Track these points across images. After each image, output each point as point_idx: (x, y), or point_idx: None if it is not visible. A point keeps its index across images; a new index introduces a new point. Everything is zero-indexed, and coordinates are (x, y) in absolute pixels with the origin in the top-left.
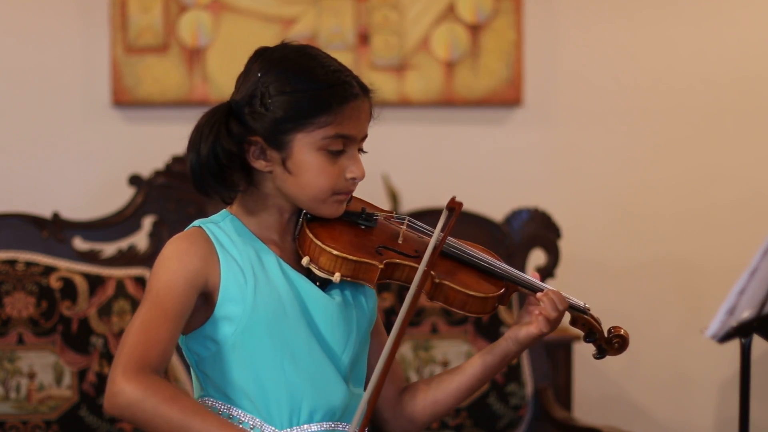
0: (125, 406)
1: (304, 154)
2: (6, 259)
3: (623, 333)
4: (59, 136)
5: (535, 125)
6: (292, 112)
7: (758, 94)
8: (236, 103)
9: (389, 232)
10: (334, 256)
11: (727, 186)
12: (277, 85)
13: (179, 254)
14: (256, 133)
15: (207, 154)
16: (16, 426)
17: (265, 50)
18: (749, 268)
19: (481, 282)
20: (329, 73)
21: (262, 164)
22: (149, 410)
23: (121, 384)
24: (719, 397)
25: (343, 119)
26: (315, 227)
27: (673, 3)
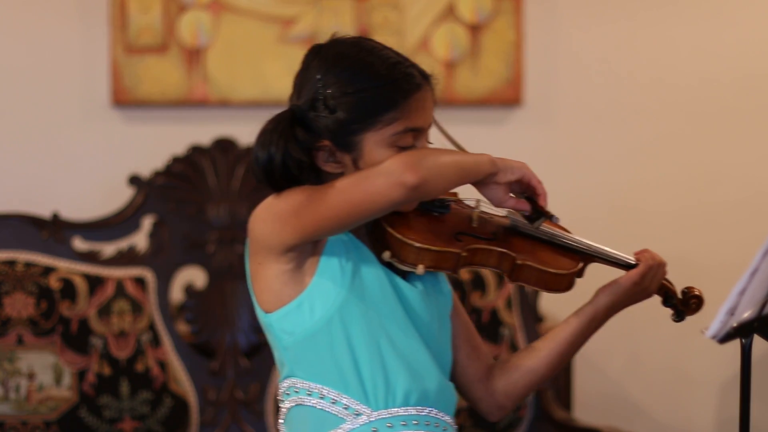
0: (410, 164)
1: (375, 152)
2: (5, 260)
3: (698, 292)
4: (59, 136)
5: (535, 125)
6: (358, 112)
7: (758, 93)
8: (299, 108)
9: (463, 217)
10: (416, 248)
11: (728, 185)
12: (339, 87)
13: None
14: (324, 138)
15: (279, 162)
16: (16, 426)
17: (320, 49)
18: (750, 268)
19: (559, 258)
20: (390, 67)
21: (333, 167)
22: (425, 156)
23: (386, 167)
24: (720, 397)
25: (410, 112)
26: (392, 220)
27: (673, 3)
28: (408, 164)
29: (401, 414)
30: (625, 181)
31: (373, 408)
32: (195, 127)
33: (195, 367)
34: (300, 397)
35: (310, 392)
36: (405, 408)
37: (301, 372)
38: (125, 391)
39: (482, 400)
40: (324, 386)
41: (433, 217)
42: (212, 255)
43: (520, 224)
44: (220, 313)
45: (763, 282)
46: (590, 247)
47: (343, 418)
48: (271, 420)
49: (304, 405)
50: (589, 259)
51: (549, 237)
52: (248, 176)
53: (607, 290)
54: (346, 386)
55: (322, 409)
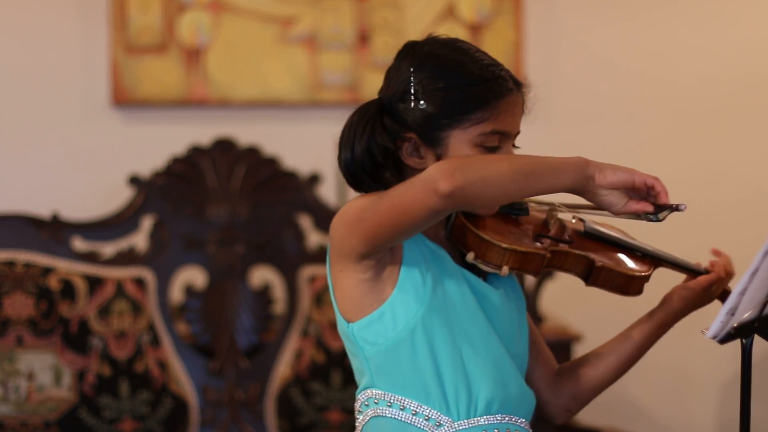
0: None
1: (459, 150)
2: (5, 260)
3: None
4: (58, 136)
5: (535, 125)
6: (448, 108)
7: (758, 93)
8: (388, 98)
9: (540, 219)
10: (503, 249)
11: (728, 185)
12: (431, 81)
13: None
14: (410, 130)
15: (362, 151)
16: (16, 427)
17: (415, 44)
18: (750, 268)
19: (632, 262)
20: (483, 68)
21: (416, 161)
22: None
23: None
24: (720, 397)
25: (499, 114)
26: (474, 221)
27: (673, 3)
28: (446, 171)
29: (482, 423)
30: None
31: (455, 418)
32: (195, 127)
33: (195, 367)
34: (380, 408)
35: (390, 403)
36: (486, 417)
37: (382, 383)
38: (125, 392)
39: (549, 403)
40: (405, 397)
41: (512, 219)
42: (212, 255)
43: (594, 230)
44: (220, 313)
45: (764, 282)
46: (659, 252)
47: (424, 429)
48: (272, 420)
49: (383, 416)
50: (658, 264)
51: (621, 241)
52: (248, 176)
53: (678, 295)
54: (428, 397)
55: (402, 420)
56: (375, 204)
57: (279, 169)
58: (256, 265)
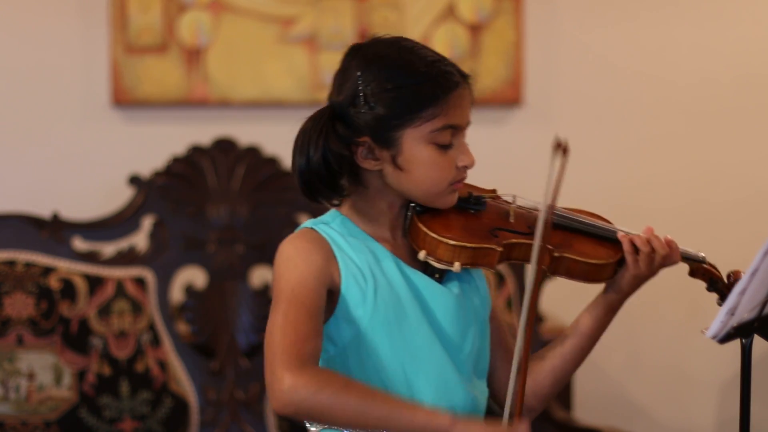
0: (301, 401)
1: (414, 149)
2: (5, 260)
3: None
4: (59, 136)
5: (535, 125)
6: (398, 108)
7: (758, 92)
8: (339, 104)
9: (499, 213)
10: (452, 246)
11: (728, 184)
12: (380, 83)
13: (302, 252)
14: (363, 133)
15: (318, 159)
16: (16, 426)
17: (360, 47)
18: (750, 268)
19: (598, 248)
20: (429, 65)
21: (371, 164)
22: (326, 401)
23: (291, 380)
24: (720, 397)
25: (449, 109)
26: (426, 219)
27: (673, 3)
28: (291, 403)
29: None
30: (625, 181)
31: None
32: (195, 127)
33: (195, 367)
34: None
35: None
36: None
37: None
38: (125, 391)
39: None
40: None
41: (470, 215)
42: (212, 255)
43: (556, 217)
44: (220, 313)
45: (764, 282)
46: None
47: None
48: (271, 420)
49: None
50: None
51: (587, 228)
52: (248, 176)
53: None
54: None
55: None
56: (274, 307)
57: (279, 169)
58: (256, 265)
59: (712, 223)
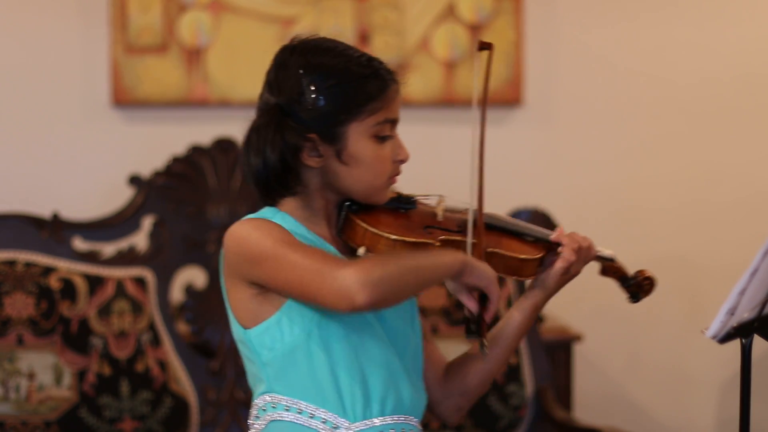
0: (377, 279)
1: (358, 143)
2: (5, 260)
3: (650, 274)
4: (59, 136)
5: (535, 125)
6: (344, 102)
7: (759, 93)
8: (285, 103)
9: (428, 212)
10: (392, 240)
11: (728, 184)
12: (323, 79)
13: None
14: (311, 130)
15: (276, 158)
16: (16, 426)
17: (294, 47)
18: (750, 268)
19: (523, 246)
20: (366, 61)
21: (315, 161)
22: (392, 269)
23: (353, 271)
24: (720, 397)
25: (388, 104)
26: (363, 216)
27: (673, 3)
28: (366, 284)
29: (377, 424)
30: (625, 181)
31: (351, 420)
32: (195, 127)
33: (195, 367)
34: (278, 413)
35: (288, 407)
36: (382, 417)
37: (280, 387)
38: (125, 391)
39: (440, 402)
40: (302, 401)
41: (401, 214)
42: (212, 255)
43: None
44: (220, 313)
45: (764, 282)
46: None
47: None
48: None
49: (281, 420)
50: (549, 247)
51: (512, 227)
52: None
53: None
54: (324, 400)
55: (300, 424)
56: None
57: None
58: None
59: (712, 223)
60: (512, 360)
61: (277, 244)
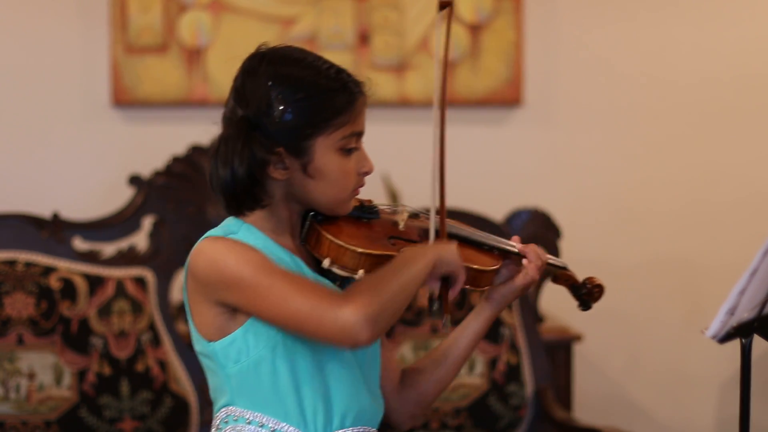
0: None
1: (324, 157)
2: (6, 260)
3: (599, 282)
4: (59, 136)
5: (535, 125)
6: (311, 116)
7: (758, 93)
8: (254, 115)
9: (390, 221)
10: (358, 253)
11: (728, 185)
12: (291, 93)
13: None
14: (278, 143)
15: (244, 171)
16: (16, 426)
17: (262, 58)
18: (750, 268)
19: (482, 256)
20: (335, 73)
21: (281, 173)
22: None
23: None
24: (720, 396)
25: (355, 117)
26: (328, 227)
27: (673, 3)
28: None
29: None
30: (625, 181)
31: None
32: (195, 127)
33: (195, 366)
34: (239, 426)
35: (249, 421)
36: (343, 430)
37: (242, 400)
38: (125, 391)
39: (395, 410)
40: (264, 414)
41: (364, 224)
42: None
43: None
44: None
45: (763, 282)
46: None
47: None
48: None
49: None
50: (506, 256)
51: (471, 238)
52: None
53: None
54: (286, 414)
55: None
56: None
57: None
58: None
59: (711, 223)
60: (512, 360)
61: (257, 273)
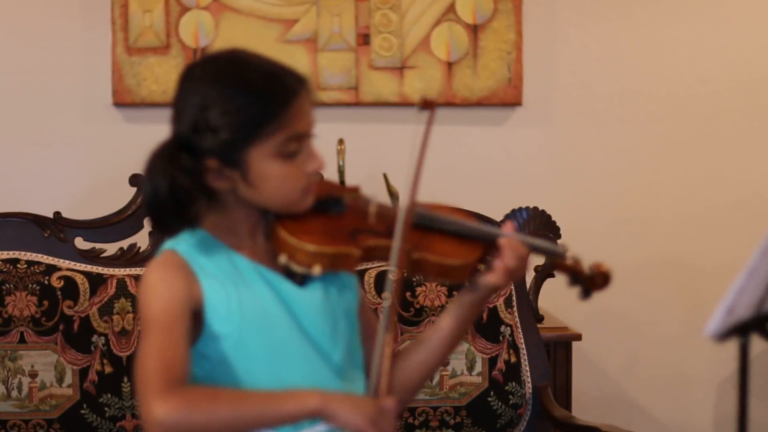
0: (176, 425)
1: (262, 165)
2: (7, 259)
3: (605, 269)
4: (61, 136)
5: (535, 125)
6: (240, 129)
7: (757, 94)
8: (182, 134)
9: (359, 213)
10: (310, 251)
11: (727, 186)
12: (219, 106)
13: (163, 279)
14: (209, 157)
15: (165, 193)
16: (18, 425)
17: (192, 70)
18: (748, 267)
19: (457, 248)
20: (265, 79)
21: (223, 183)
22: (200, 418)
23: (162, 408)
24: (718, 395)
25: (290, 121)
26: (286, 223)
27: (672, 4)
28: (166, 427)
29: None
30: (623, 182)
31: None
32: None
33: None
34: None
35: None
36: (312, 428)
37: None
38: (127, 390)
39: None
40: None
41: (330, 217)
42: None
43: (419, 218)
44: None
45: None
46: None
47: None
48: None
49: None
50: (489, 246)
51: (448, 226)
52: None
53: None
54: None
55: None
56: (144, 335)
57: None
58: None
59: (710, 223)
60: (512, 358)
61: (150, 322)
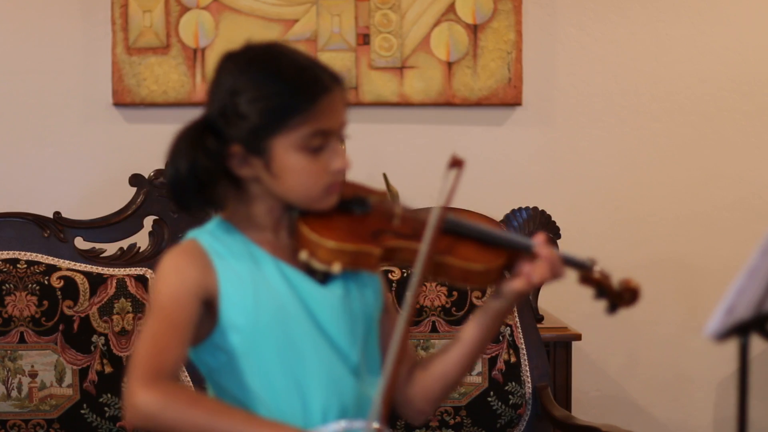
0: (149, 415)
1: (285, 156)
2: (8, 259)
3: (634, 285)
4: (61, 136)
5: (535, 125)
6: (267, 117)
7: (757, 94)
8: (211, 116)
9: (385, 214)
10: (330, 248)
11: (726, 186)
12: (248, 93)
13: (177, 268)
14: (235, 143)
15: (186, 172)
16: (18, 425)
17: (230, 57)
18: (748, 267)
19: (481, 253)
20: (298, 72)
21: (247, 171)
22: (173, 416)
23: (141, 395)
24: (717, 396)
25: (318, 115)
26: (309, 220)
27: (671, 4)
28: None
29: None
30: (623, 182)
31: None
32: None
33: (195, 365)
34: None
35: None
36: (325, 425)
37: (228, 399)
38: None
39: (404, 405)
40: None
41: (354, 217)
42: None
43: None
44: None
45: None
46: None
47: None
48: None
49: None
50: (514, 254)
51: (473, 232)
52: None
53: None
54: (268, 412)
55: None
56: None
57: None
58: None
59: (709, 224)
60: (512, 358)
61: (154, 309)
